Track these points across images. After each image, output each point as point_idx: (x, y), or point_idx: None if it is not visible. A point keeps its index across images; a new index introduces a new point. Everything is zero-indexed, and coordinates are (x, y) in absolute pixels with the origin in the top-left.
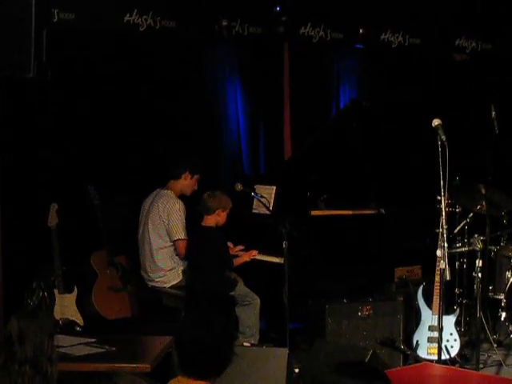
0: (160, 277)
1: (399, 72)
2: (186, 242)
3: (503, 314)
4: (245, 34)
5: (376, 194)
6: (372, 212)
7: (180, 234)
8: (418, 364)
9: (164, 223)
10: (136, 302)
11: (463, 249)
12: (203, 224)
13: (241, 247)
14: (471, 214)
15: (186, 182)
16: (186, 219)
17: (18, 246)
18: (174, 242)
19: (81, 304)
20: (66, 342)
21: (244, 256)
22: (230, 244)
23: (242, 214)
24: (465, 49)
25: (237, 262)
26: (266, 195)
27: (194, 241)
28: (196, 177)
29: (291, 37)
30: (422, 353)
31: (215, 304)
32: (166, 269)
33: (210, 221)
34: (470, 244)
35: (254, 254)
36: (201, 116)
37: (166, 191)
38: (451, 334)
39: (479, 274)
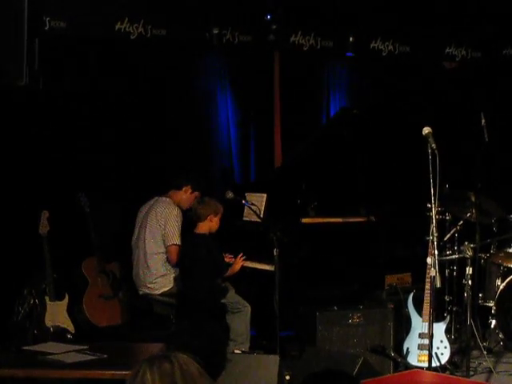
0: (152, 282)
1: (389, 80)
2: (179, 248)
3: (493, 322)
4: (235, 42)
5: (366, 202)
6: (362, 219)
7: (175, 239)
8: (408, 371)
9: (160, 228)
10: (127, 310)
11: (453, 256)
12: (196, 231)
13: (231, 256)
14: (461, 222)
15: (185, 196)
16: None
17: (9, 253)
18: (168, 248)
19: (72, 311)
20: (57, 349)
21: (235, 265)
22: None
23: (232, 221)
24: (455, 57)
25: (229, 272)
26: (256, 203)
27: (188, 248)
28: (196, 193)
29: (282, 45)
30: (413, 360)
31: (206, 311)
32: (158, 274)
33: (203, 228)
34: (460, 251)
35: (241, 257)
36: (191, 124)
37: (165, 198)
38: (441, 342)
39: (469, 282)
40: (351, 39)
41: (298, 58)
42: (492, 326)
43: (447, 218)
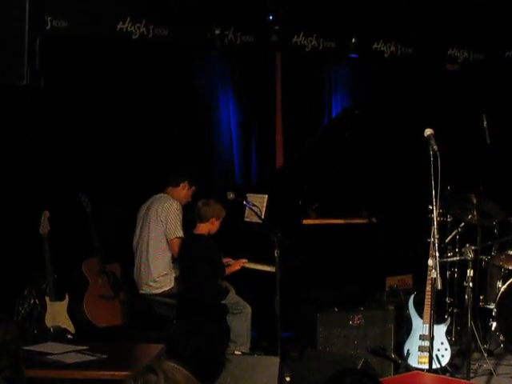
0: (153, 281)
1: (391, 81)
2: (182, 240)
3: (494, 324)
4: (237, 42)
5: (368, 203)
6: (363, 221)
7: (178, 232)
8: (408, 373)
9: (162, 223)
10: (127, 310)
11: (454, 258)
12: (196, 232)
13: (229, 259)
14: (462, 224)
15: (183, 192)
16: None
17: (10, 253)
18: (171, 241)
19: (72, 311)
20: (57, 350)
21: (235, 264)
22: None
23: (233, 222)
24: (457, 59)
25: (228, 270)
26: (257, 204)
27: (187, 249)
28: (193, 188)
29: (284, 46)
30: (413, 362)
31: (206, 312)
32: (160, 273)
33: (203, 229)
34: (461, 253)
35: (244, 262)
36: (193, 125)
37: (163, 194)
38: (442, 343)
39: (470, 284)
40: (353, 40)
41: (300, 58)
42: (493, 328)
43: (448, 219)
